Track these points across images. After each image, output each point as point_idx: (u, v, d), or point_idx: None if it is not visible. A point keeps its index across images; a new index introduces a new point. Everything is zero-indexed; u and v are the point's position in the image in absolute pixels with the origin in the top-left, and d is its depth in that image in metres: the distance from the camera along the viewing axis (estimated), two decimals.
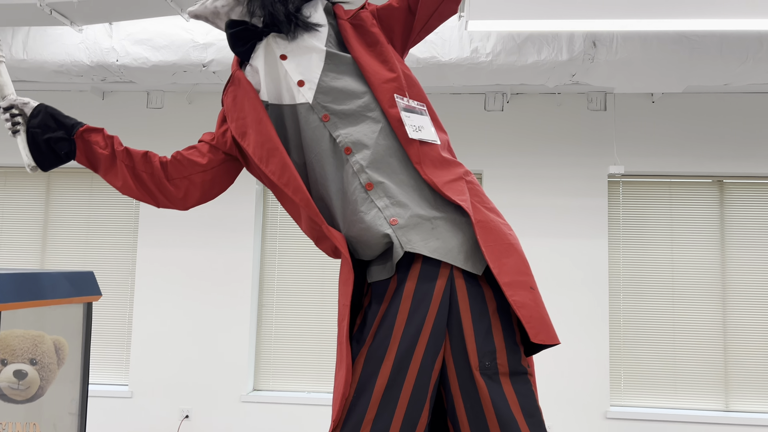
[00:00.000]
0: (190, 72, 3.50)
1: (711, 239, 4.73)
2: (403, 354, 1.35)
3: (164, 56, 3.43)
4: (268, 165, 1.45)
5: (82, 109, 5.06)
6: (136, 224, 5.08)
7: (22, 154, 1.51)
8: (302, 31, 1.49)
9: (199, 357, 4.80)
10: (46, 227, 5.19)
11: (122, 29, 3.45)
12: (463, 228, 1.41)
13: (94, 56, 3.47)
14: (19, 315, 1.94)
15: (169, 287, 4.87)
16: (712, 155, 4.70)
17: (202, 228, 4.90)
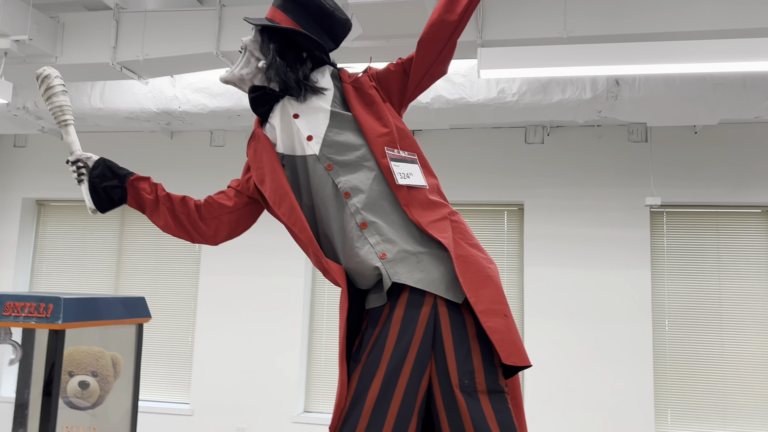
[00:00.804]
0: (243, 116, 3.86)
1: (760, 269, 4.67)
2: (392, 371, 1.56)
3: (220, 103, 3.80)
4: (280, 207, 1.70)
5: (153, 148, 5.56)
6: (198, 254, 5.49)
7: (85, 198, 1.83)
8: (310, 94, 1.75)
9: (254, 378, 5.11)
10: (120, 256, 5.68)
11: (183, 79, 3.86)
12: (444, 262, 1.62)
13: (159, 104, 3.89)
14: (83, 333, 2.27)
15: (228, 312, 5.22)
16: (760, 184, 4.66)
17: (258, 257, 5.25)
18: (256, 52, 1.80)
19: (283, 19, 1.81)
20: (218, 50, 3.16)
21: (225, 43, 3.15)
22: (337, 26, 1.84)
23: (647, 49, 2.69)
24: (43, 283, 5.75)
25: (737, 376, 4.58)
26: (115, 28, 3.25)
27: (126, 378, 2.18)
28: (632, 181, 4.82)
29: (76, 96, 4.01)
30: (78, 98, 4.01)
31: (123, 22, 3.27)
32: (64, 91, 1.88)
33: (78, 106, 4.01)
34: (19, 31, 3.00)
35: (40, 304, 1.74)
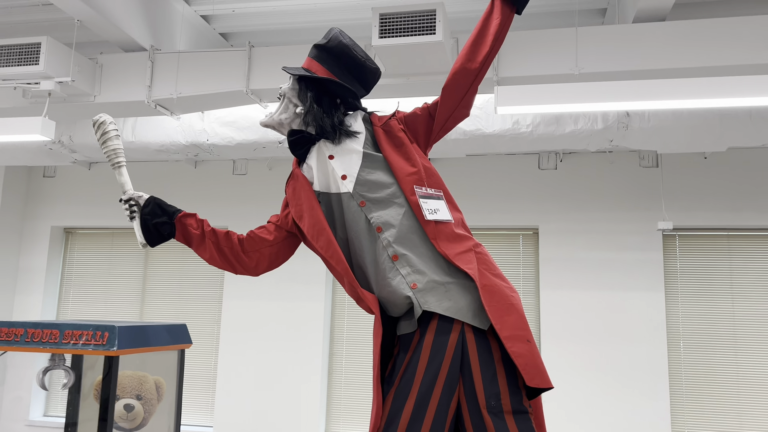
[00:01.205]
0: (268, 148, 4.04)
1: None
2: (424, 393, 1.69)
3: (246, 135, 3.99)
4: (318, 241, 1.85)
5: (178, 177, 5.76)
6: (221, 279, 5.65)
7: (137, 234, 1.99)
8: (345, 138, 1.91)
9: (276, 401, 5.22)
10: (145, 282, 5.85)
11: (212, 114, 4.06)
12: (471, 291, 1.75)
13: (188, 137, 4.08)
14: (128, 359, 2.42)
15: (250, 336, 5.36)
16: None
17: (280, 282, 5.40)
18: (294, 98, 1.97)
19: (319, 69, 1.98)
20: (248, 88, 3.34)
21: (254, 81, 3.34)
22: (368, 75, 2.01)
23: (656, 85, 2.83)
24: (71, 309, 5.92)
25: (753, 398, 4.64)
26: (150, 68, 3.45)
27: (169, 401, 2.32)
28: (644, 205, 4.94)
29: None
30: None
31: (157, 63, 3.47)
32: (117, 135, 2.05)
33: None
34: (62, 73, 3.21)
35: (96, 332, 1.89)
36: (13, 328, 1.93)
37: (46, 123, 3.15)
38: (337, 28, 2.02)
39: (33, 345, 1.91)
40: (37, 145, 4.35)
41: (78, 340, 1.89)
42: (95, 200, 5.91)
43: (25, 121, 3.12)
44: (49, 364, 2.12)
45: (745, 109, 3.34)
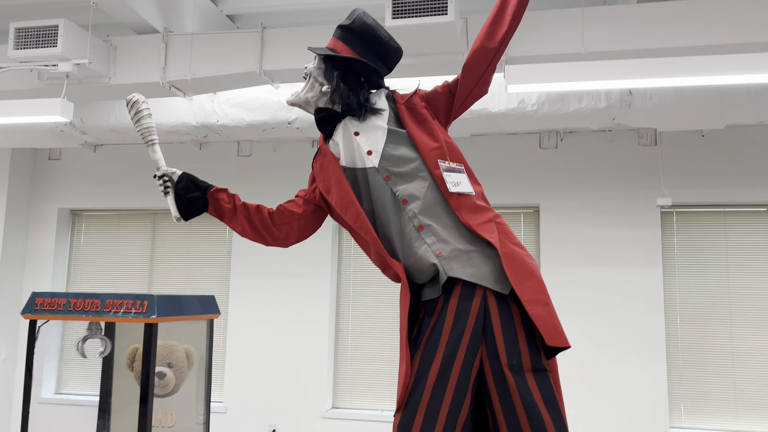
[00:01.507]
0: (277, 129, 4.12)
1: (766, 265, 4.90)
2: (449, 354, 1.81)
3: (256, 116, 4.07)
4: (347, 213, 1.96)
5: (183, 158, 5.83)
6: (229, 258, 5.76)
7: (171, 208, 2.08)
8: (370, 115, 2.01)
9: (284, 377, 5.36)
10: (152, 262, 5.94)
11: (222, 95, 4.13)
12: (492, 258, 1.87)
13: (199, 118, 4.16)
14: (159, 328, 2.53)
15: (258, 313, 5.48)
16: (765, 184, 4.89)
17: (286, 260, 5.51)
18: (320, 78, 2.06)
19: (344, 49, 2.07)
20: (261, 69, 3.42)
21: (266, 62, 3.42)
22: (391, 54, 2.10)
23: (659, 63, 2.94)
24: (79, 289, 6.02)
25: (747, 369, 4.81)
26: (164, 50, 3.52)
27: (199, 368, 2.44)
28: (643, 183, 5.06)
29: (120, 112, 4.28)
30: (122, 114, 4.28)
31: (171, 44, 3.54)
32: (150, 114, 2.14)
33: (122, 122, 4.29)
34: (79, 55, 3.27)
35: (136, 301, 2.00)
36: (56, 299, 2.03)
37: (66, 104, 3.22)
38: (360, 9, 2.10)
39: (75, 314, 2.01)
40: (48, 126, 4.42)
41: (118, 309, 2.00)
42: (101, 182, 5.98)
43: (44, 102, 3.19)
44: (87, 333, 2.22)
45: (744, 86, 3.45)
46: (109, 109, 4.30)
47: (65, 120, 3.30)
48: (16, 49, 3.17)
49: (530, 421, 1.76)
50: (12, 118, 3.37)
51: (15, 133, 4.54)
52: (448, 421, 1.78)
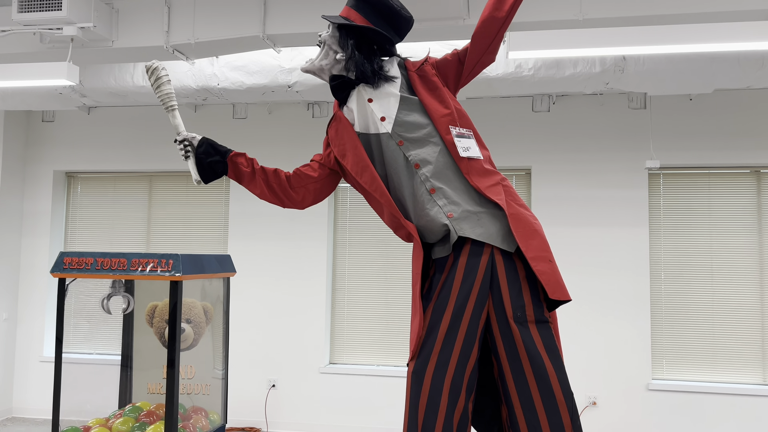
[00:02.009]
0: (277, 92, 4.18)
1: (749, 225, 5.10)
2: (459, 307, 1.96)
3: (256, 80, 4.12)
4: (362, 177, 2.07)
5: None
6: (226, 220, 5.85)
7: (192, 171, 2.17)
8: (383, 82, 2.10)
9: (283, 335, 5.53)
10: (149, 224, 6.02)
11: (222, 58, 4.17)
12: (500, 219, 2.00)
13: (199, 81, 4.20)
14: None
15: (256, 275, 5.61)
16: (749, 147, 5.05)
17: (283, 222, 5.62)
18: (334, 45, 2.15)
19: (357, 18, 2.14)
20: (264, 33, 3.46)
21: (269, 26, 3.46)
22: (402, 23, 2.18)
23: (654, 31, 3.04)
24: (76, 250, 6.09)
25: (726, 324, 5.05)
26: (167, 13, 3.54)
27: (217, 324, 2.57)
28: (632, 146, 5.20)
29: (119, 75, 4.31)
30: (122, 77, 4.30)
31: (174, 8, 3.56)
32: (169, 81, 2.21)
33: (122, 85, 4.31)
34: (83, 18, 3.29)
35: (161, 260, 2.11)
36: (83, 258, 2.14)
37: (71, 68, 3.26)
38: None
39: (103, 272, 2.12)
40: (46, 89, 4.43)
41: (145, 267, 2.11)
42: (96, 144, 6.00)
43: (50, 66, 3.22)
44: (110, 290, 2.34)
45: (733, 53, 3.56)
46: (109, 71, 4.32)
47: (71, 83, 3.33)
48: (21, 12, 3.19)
49: (533, 367, 1.92)
50: (17, 82, 3.39)
51: (13, 96, 4.55)
52: (458, 368, 1.94)
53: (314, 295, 5.52)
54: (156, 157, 5.87)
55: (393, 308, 5.52)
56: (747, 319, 5.02)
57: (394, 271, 5.55)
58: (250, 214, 5.68)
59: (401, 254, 5.55)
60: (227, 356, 2.50)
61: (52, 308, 5.96)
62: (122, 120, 5.94)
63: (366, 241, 5.62)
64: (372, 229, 5.61)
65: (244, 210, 5.70)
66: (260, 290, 5.60)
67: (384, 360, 5.50)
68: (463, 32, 3.27)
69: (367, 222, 5.62)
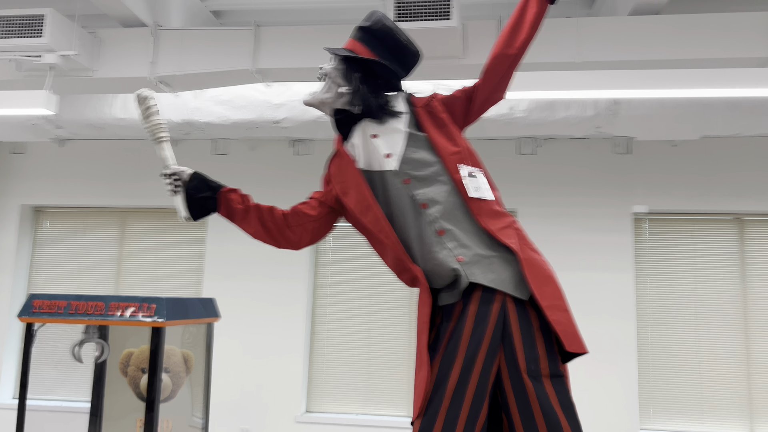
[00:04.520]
0: (263, 128, 4.06)
1: (732, 273, 5.08)
2: (469, 360, 1.81)
3: (243, 115, 3.99)
4: (365, 216, 1.94)
5: (153, 156, 5.67)
6: (202, 259, 5.63)
7: (180, 208, 2.02)
8: (389, 117, 1.99)
9: (257, 380, 5.27)
10: (120, 261, 5.77)
11: (207, 92, 4.04)
12: (512, 264, 1.87)
13: (182, 115, 4.05)
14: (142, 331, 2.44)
15: (231, 317, 5.38)
16: (731, 194, 5.07)
17: (262, 262, 5.43)
18: (338, 79, 2.04)
19: (363, 50, 2.05)
20: (254, 67, 3.36)
21: (260, 60, 3.36)
22: (409, 57, 2.09)
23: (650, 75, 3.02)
24: (41, 289, 5.79)
25: (714, 372, 4.97)
26: (153, 44, 3.41)
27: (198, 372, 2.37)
28: (616, 191, 5.19)
29: (98, 106, 4.14)
30: (100, 108, 4.14)
31: (160, 39, 3.44)
32: (158, 111, 2.07)
33: (100, 116, 4.14)
34: (65, 46, 3.14)
35: (143, 303, 1.93)
36: (55, 301, 1.94)
37: (50, 97, 3.09)
38: (379, 11, 2.09)
39: (77, 317, 1.92)
40: (18, 119, 4.23)
41: (124, 312, 1.92)
42: (67, 178, 5.78)
43: (27, 94, 3.05)
44: (83, 336, 2.13)
45: (725, 100, 3.57)
46: (86, 102, 4.16)
47: (49, 113, 3.16)
48: None
49: (548, 426, 1.77)
50: None
51: None
52: (467, 426, 1.78)
53: (292, 338, 5.30)
54: (130, 193, 5.67)
55: (374, 353, 5.32)
56: (732, 368, 4.95)
57: (377, 314, 5.37)
58: (227, 254, 5.48)
59: (384, 297, 5.39)
60: (208, 408, 2.30)
61: (11, 352, 5.62)
62: (96, 153, 5.74)
63: (348, 283, 5.45)
64: (355, 270, 5.45)
65: (221, 249, 5.49)
66: (234, 333, 5.36)
67: (364, 408, 5.27)
68: (459, 72, 3.22)
69: (351, 263, 5.46)
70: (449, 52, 3.05)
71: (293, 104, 3.99)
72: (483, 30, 3.14)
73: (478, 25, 3.15)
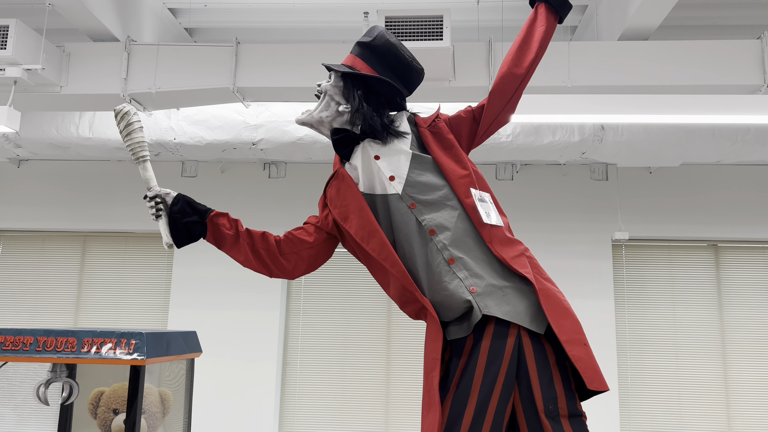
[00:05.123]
0: (239, 149, 3.89)
1: (709, 299, 5.09)
2: (483, 399, 1.67)
3: (218, 135, 3.82)
4: (369, 243, 1.79)
5: (117, 176, 5.41)
6: (168, 286, 5.37)
7: (163, 234, 1.84)
8: (393, 138, 1.86)
9: (226, 416, 5.00)
10: (80, 288, 5.46)
11: (180, 111, 3.86)
12: (527, 295, 1.75)
13: (153, 135, 3.85)
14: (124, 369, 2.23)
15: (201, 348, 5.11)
16: (707, 221, 5.10)
17: (233, 290, 5.19)
18: (337, 96, 1.90)
19: (363, 67, 1.92)
20: (234, 86, 3.20)
21: (241, 79, 3.20)
22: (413, 75, 1.97)
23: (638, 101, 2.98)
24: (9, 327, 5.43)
25: (693, 399, 4.94)
26: (126, 60, 3.23)
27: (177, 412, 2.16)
28: (594, 216, 5.16)
29: (62, 125, 3.90)
30: (65, 127, 3.90)
31: (134, 54, 3.25)
32: (141, 128, 1.90)
33: (64, 135, 3.91)
34: (30, 60, 2.93)
35: (121, 339, 1.73)
36: (21, 336, 1.73)
37: (12, 113, 2.86)
38: (381, 26, 1.97)
39: (46, 354, 1.71)
40: None
41: (99, 349, 1.72)
42: (25, 200, 5.47)
43: None
44: (49, 376, 1.92)
45: (708, 126, 3.57)
46: (50, 120, 3.91)
47: (10, 131, 2.93)
48: None
49: None
50: None
51: None
52: None
53: (263, 369, 5.06)
54: (91, 216, 5.38)
55: (350, 385, 5.12)
56: (711, 394, 4.93)
57: (352, 343, 5.18)
58: (194, 280, 5.23)
59: (360, 325, 5.21)
60: None
61: None
62: (56, 174, 5.45)
63: (322, 311, 5.25)
64: (329, 298, 5.26)
65: (188, 275, 5.25)
66: (203, 365, 5.09)
67: None
68: (448, 94, 3.13)
69: (325, 290, 5.28)
70: (440, 74, 2.95)
71: (272, 125, 3.83)
72: (473, 52, 3.06)
73: (467, 46, 3.07)
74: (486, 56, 3.08)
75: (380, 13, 2.75)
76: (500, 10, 3.27)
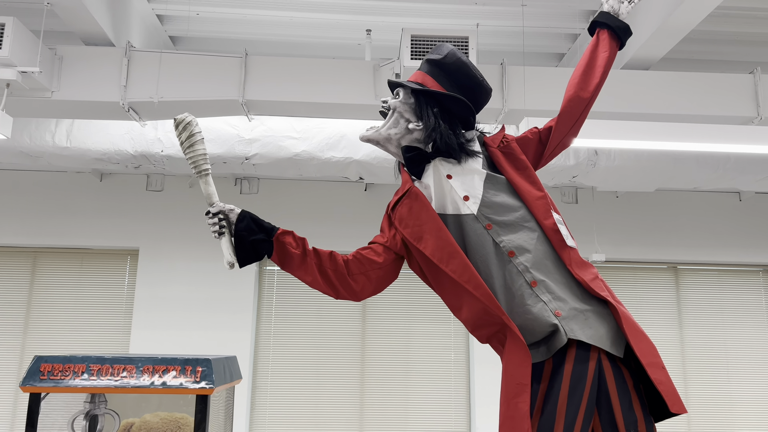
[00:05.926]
0: (230, 163, 3.73)
1: (670, 319, 5.31)
2: (569, 424, 1.65)
3: (210, 149, 3.65)
4: (449, 265, 1.74)
5: (79, 189, 5.08)
6: (130, 307, 5.06)
7: (225, 252, 1.72)
8: (467, 157, 1.83)
9: None
10: (29, 308, 5.06)
11: (168, 122, 3.66)
12: (606, 318, 1.75)
13: (138, 146, 3.64)
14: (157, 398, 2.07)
15: None
16: (668, 244, 5.34)
17: (201, 311, 4.96)
18: (407, 113, 1.86)
19: (433, 84, 1.89)
20: (243, 98, 3.07)
21: (249, 91, 3.08)
22: (483, 95, 1.95)
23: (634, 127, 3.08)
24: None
25: None
26: (126, 66, 3.03)
27: None
28: None
29: (36, 132, 3.62)
30: (39, 135, 3.62)
31: (134, 60, 3.06)
32: (203, 139, 1.79)
33: (38, 144, 3.62)
34: (26, 62, 2.69)
35: (186, 366, 1.59)
36: (71, 364, 1.56)
37: (4, 118, 2.60)
38: (450, 44, 1.95)
39: (100, 384, 1.55)
40: None
41: (162, 376, 1.58)
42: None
43: None
44: (87, 408, 1.73)
45: (693, 154, 3.75)
46: (24, 127, 3.62)
47: (2, 137, 2.67)
48: None
49: None
50: None
51: None
52: None
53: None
54: (43, 231, 5.02)
55: (323, 408, 4.97)
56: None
57: (325, 365, 5.05)
58: (160, 300, 4.96)
59: (335, 348, 5.09)
60: None
61: None
62: (5, 186, 5.04)
63: (294, 333, 5.10)
64: (302, 319, 5.11)
65: (152, 295, 4.97)
66: None
67: None
68: None
69: (297, 311, 5.13)
70: None
71: (267, 140, 3.70)
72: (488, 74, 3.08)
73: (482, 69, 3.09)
74: (500, 78, 3.11)
75: (406, 32, 2.73)
76: (514, 35, 3.33)
